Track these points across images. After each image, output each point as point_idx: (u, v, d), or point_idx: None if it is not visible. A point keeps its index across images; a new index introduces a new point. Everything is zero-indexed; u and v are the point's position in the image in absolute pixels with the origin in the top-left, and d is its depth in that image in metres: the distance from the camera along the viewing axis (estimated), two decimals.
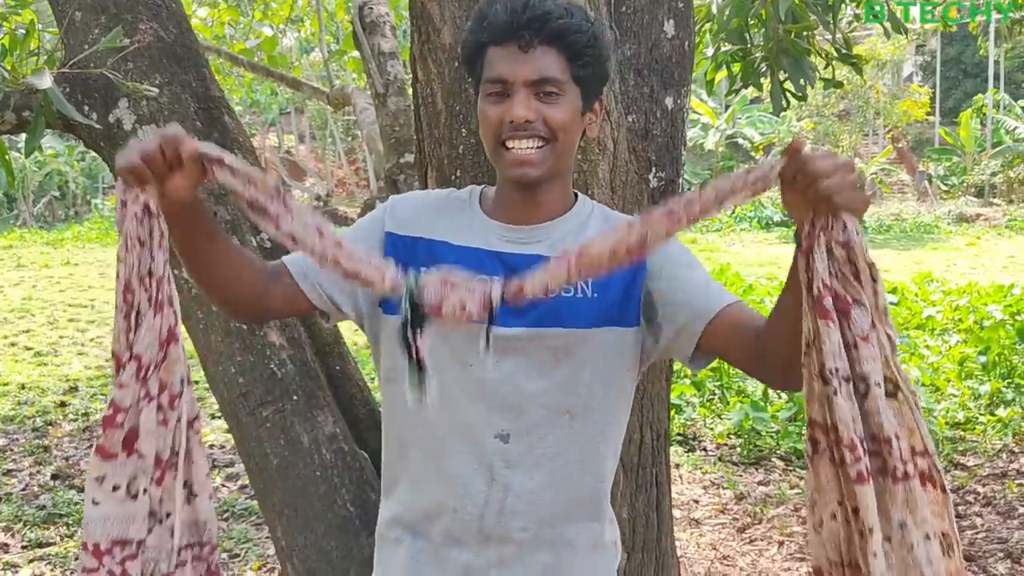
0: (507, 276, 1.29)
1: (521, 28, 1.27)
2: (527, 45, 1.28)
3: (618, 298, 1.37)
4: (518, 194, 1.37)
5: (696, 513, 4.34)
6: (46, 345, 8.50)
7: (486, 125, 1.33)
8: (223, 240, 1.36)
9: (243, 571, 3.77)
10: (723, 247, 17.71)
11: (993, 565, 3.60)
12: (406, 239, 1.39)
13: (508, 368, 1.34)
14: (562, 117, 1.30)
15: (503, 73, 1.29)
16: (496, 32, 1.29)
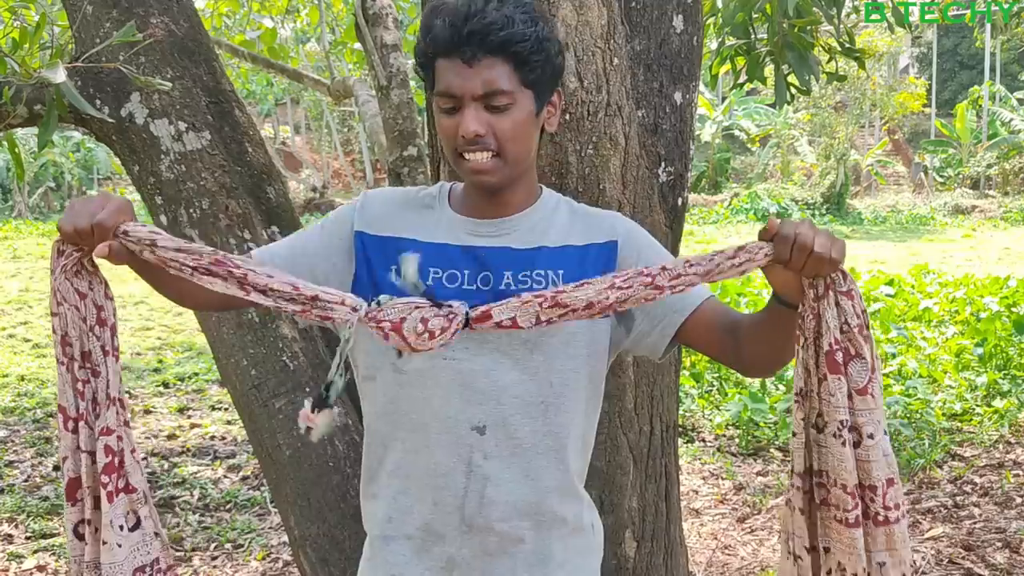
0: (477, 269, 1.36)
1: (463, 43, 1.27)
2: (471, 59, 1.28)
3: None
4: (482, 194, 1.40)
5: (696, 503, 4.37)
6: (44, 337, 8.49)
7: (443, 136, 1.35)
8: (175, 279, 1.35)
9: (247, 561, 3.80)
10: (720, 239, 17.74)
11: (992, 555, 3.64)
12: (376, 238, 1.42)
13: (484, 361, 1.36)
14: (512, 127, 1.32)
15: (451, 88, 1.30)
16: (440, 46, 1.30)
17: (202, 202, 2.20)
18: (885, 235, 19.14)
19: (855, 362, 1.13)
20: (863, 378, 1.13)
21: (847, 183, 23.63)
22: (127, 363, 7.38)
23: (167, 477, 4.76)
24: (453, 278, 1.37)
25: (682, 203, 2.09)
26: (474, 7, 1.28)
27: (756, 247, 1.15)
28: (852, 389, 1.13)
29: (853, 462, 1.13)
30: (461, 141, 1.31)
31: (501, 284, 1.37)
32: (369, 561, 1.51)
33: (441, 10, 1.30)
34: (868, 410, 1.13)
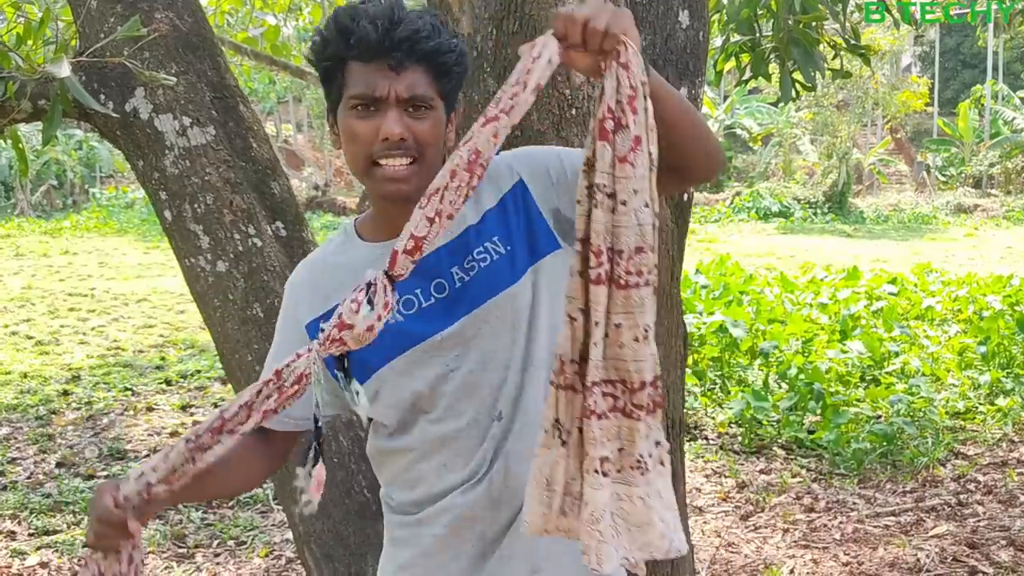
0: (427, 282, 1.36)
1: (393, 48, 1.26)
2: (398, 65, 1.27)
3: (525, 236, 1.40)
4: (394, 208, 1.36)
5: (699, 501, 4.37)
6: (47, 334, 8.50)
7: (356, 142, 1.32)
8: (209, 476, 1.31)
9: (250, 558, 3.80)
10: (722, 237, 17.74)
11: (996, 553, 3.63)
12: (325, 317, 1.36)
13: (479, 356, 1.37)
14: (431, 133, 1.32)
15: (374, 90, 1.28)
16: (364, 50, 1.27)
17: (207, 197, 2.19)
18: (887, 234, 19.13)
19: (621, 131, 1.15)
20: (625, 147, 1.15)
21: (849, 182, 23.61)
22: (129, 360, 7.39)
23: None
24: (409, 304, 1.37)
25: (688, 199, 2.08)
26: (398, 14, 1.27)
27: (541, 40, 1.17)
28: (615, 157, 1.15)
29: (604, 225, 1.16)
30: (380, 145, 1.29)
31: (456, 282, 1.37)
32: (395, 545, 1.51)
33: (360, 14, 1.28)
34: (625, 178, 1.15)
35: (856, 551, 3.74)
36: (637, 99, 1.15)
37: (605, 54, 1.15)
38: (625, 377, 1.18)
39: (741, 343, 6.68)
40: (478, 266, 1.38)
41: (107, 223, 20.34)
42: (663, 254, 2.00)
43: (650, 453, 1.20)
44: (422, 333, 1.37)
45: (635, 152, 1.15)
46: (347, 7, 1.30)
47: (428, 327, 1.37)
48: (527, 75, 1.14)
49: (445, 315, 1.36)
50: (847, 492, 4.45)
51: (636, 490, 1.19)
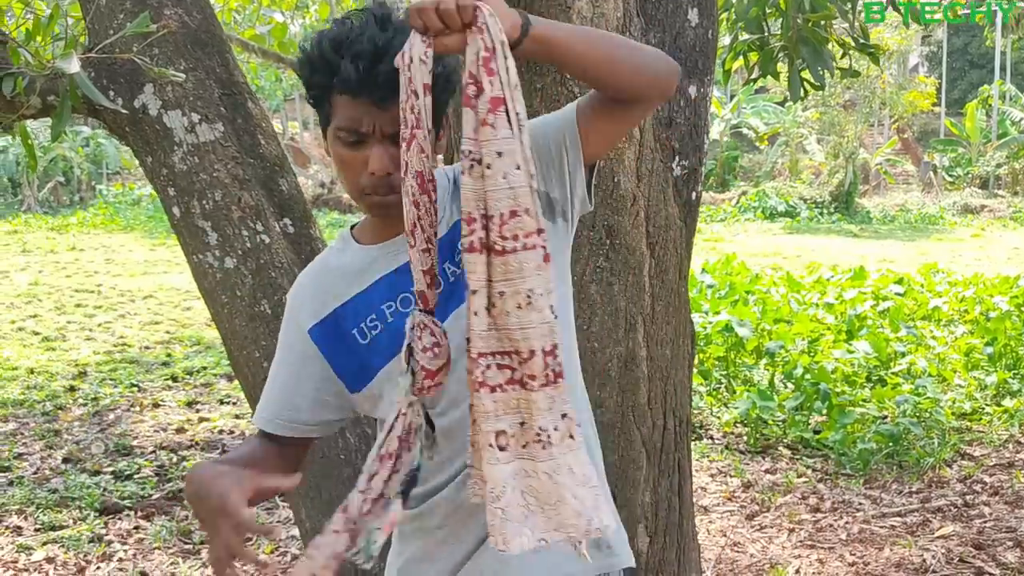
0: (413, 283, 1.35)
1: (376, 87, 1.25)
2: (382, 101, 1.25)
3: None
4: (386, 218, 1.39)
5: (705, 500, 4.36)
6: (54, 330, 8.52)
7: (344, 170, 1.33)
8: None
9: (256, 554, 3.80)
10: (728, 237, 17.72)
11: (1002, 554, 3.62)
12: (326, 321, 1.43)
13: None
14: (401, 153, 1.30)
15: (359, 125, 1.28)
16: (348, 86, 1.26)
17: (215, 194, 2.20)
18: (894, 234, 19.08)
19: (481, 95, 1.15)
20: (483, 109, 1.15)
21: (856, 182, 23.56)
22: (136, 356, 7.40)
23: (176, 470, 4.76)
24: (407, 301, 1.39)
25: (696, 197, 2.08)
26: (380, 43, 1.24)
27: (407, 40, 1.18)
28: (478, 121, 1.15)
29: (473, 191, 1.16)
30: (368, 179, 1.30)
31: (449, 276, 1.39)
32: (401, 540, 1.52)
33: (343, 46, 1.25)
34: (487, 140, 1.14)
35: (862, 551, 3.73)
36: (495, 59, 1.14)
37: (469, 27, 1.15)
38: (516, 347, 1.16)
39: (747, 343, 6.67)
40: None
41: (114, 220, 20.38)
42: (671, 252, 2.00)
43: (555, 427, 1.16)
44: None
45: (494, 114, 1.14)
46: (333, 35, 1.27)
47: None
48: (410, 83, 1.16)
49: (440, 310, 1.35)
50: (853, 492, 4.44)
51: (540, 465, 1.16)
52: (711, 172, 26.62)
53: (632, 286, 1.92)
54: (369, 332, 1.42)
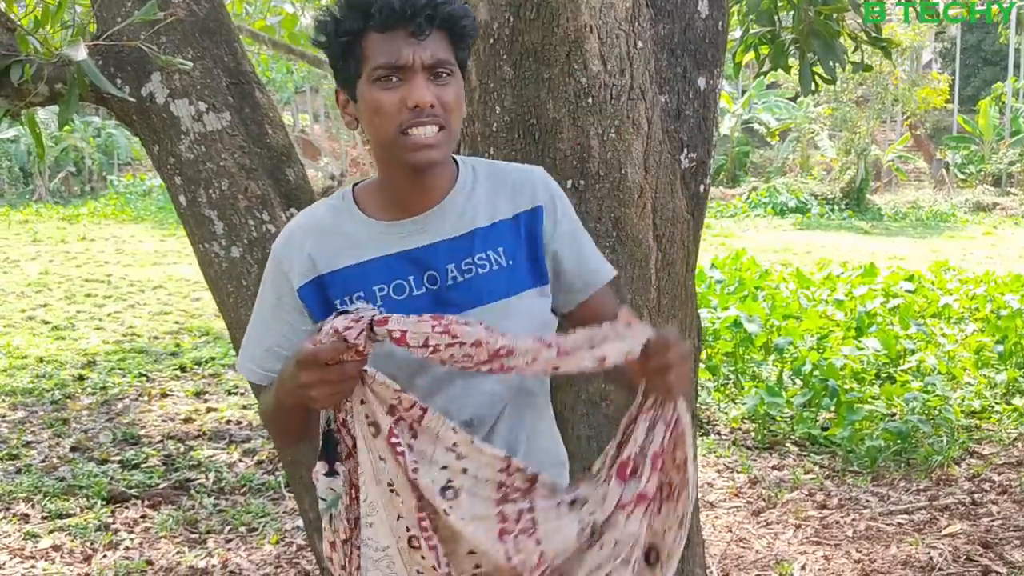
0: (420, 271, 1.35)
1: (415, 15, 1.25)
2: (420, 32, 1.26)
3: (527, 259, 1.41)
4: (412, 181, 1.36)
5: (711, 496, 4.35)
6: (63, 319, 8.55)
7: (383, 114, 1.29)
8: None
9: (261, 544, 3.81)
10: (738, 233, 17.66)
11: (1010, 552, 3.60)
12: (312, 283, 1.38)
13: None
14: (455, 98, 1.31)
15: (400, 59, 1.26)
16: (385, 19, 1.25)
17: (221, 183, 2.19)
18: (905, 231, 18.98)
19: (634, 479, 1.19)
20: (629, 496, 1.18)
21: (867, 178, 23.43)
22: (145, 346, 7.43)
23: (183, 460, 4.78)
24: (400, 288, 1.36)
25: (704, 190, 2.06)
26: None
27: (640, 329, 1.21)
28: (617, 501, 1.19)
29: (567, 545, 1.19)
30: (409, 114, 1.28)
31: (448, 279, 1.36)
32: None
33: None
34: (616, 525, 1.18)
35: (868, 549, 3.72)
36: (660, 457, 1.18)
37: (658, 392, 1.22)
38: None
39: (756, 338, 6.65)
40: (475, 271, 1.37)
41: (124, 210, 20.44)
42: (679, 245, 1.99)
43: None
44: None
45: (634, 507, 1.17)
46: None
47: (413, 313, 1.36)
48: (601, 343, 1.19)
49: (432, 308, 1.34)
50: (860, 489, 4.42)
51: None
52: (721, 167, 26.53)
53: (638, 279, 1.91)
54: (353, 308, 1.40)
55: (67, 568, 3.58)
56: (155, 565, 3.61)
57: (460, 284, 1.36)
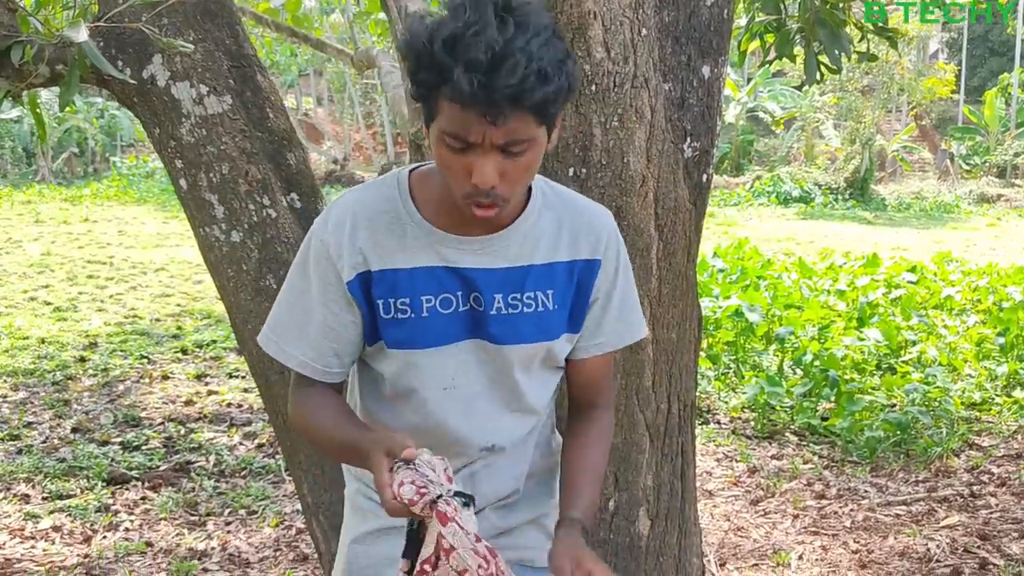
0: (467, 291, 1.33)
1: (490, 104, 1.12)
2: (495, 118, 1.14)
3: (571, 307, 1.40)
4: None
5: (709, 485, 4.36)
6: (65, 300, 8.56)
7: (447, 172, 1.23)
8: None
9: (261, 527, 3.82)
10: (741, 221, 17.63)
11: (1007, 545, 3.60)
12: (362, 276, 1.34)
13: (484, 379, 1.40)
14: (526, 170, 1.23)
15: (467, 136, 1.17)
16: (460, 97, 1.13)
17: (222, 167, 2.18)
18: (908, 222, 18.94)
19: None
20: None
21: (872, 168, 23.37)
22: (146, 328, 7.43)
23: (183, 442, 4.79)
24: (447, 303, 1.34)
25: (707, 180, 2.05)
26: (498, 48, 1.10)
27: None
28: None
29: None
30: (472, 189, 1.21)
31: (492, 308, 1.35)
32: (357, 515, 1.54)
33: (456, 49, 1.12)
34: None
35: (866, 539, 3.72)
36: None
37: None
38: None
39: (757, 328, 6.64)
40: (521, 308, 1.36)
41: (127, 192, 20.43)
42: (680, 235, 1.98)
43: None
44: (448, 335, 1.36)
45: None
46: (447, 33, 1.13)
47: (456, 331, 1.36)
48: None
49: (471, 330, 1.36)
50: (859, 480, 4.42)
51: None
52: (725, 156, 26.46)
53: (639, 268, 1.90)
54: (395, 311, 1.34)
55: (67, 549, 3.59)
56: (155, 547, 3.62)
57: (502, 317, 1.35)
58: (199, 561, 3.49)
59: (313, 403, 1.38)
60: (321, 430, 1.36)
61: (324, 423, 1.36)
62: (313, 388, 1.40)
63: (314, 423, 1.38)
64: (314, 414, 1.37)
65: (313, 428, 1.38)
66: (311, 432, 1.40)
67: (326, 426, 1.35)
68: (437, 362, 1.36)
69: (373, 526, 1.48)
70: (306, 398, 1.40)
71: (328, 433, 1.35)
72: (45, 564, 3.44)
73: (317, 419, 1.37)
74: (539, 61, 1.12)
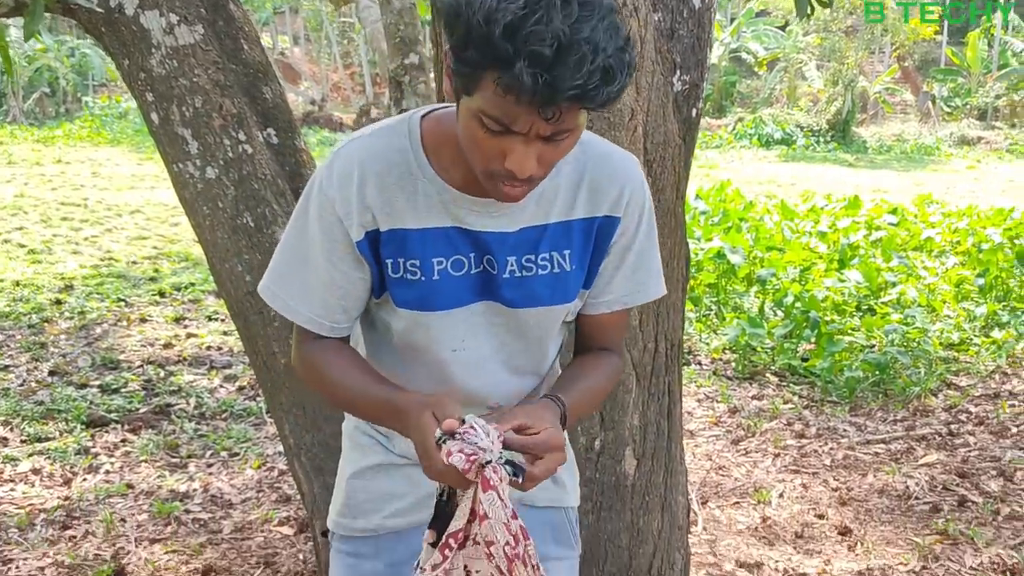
0: (479, 253, 1.27)
1: (547, 103, 1.03)
2: (550, 116, 1.05)
3: (587, 266, 1.34)
4: None
5: (691, 425, 4.38)
6: (40, 243, 8.42)
7: (475, 150, 1.13)
8: None
9: (242, 469, 3.81)
10: (722, 164, 17.58)
11: (986, 483, 3.65)
12: (371, 234, 1.26)
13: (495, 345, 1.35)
14: (563, 153, 1.14)
15: (513, 125, 1.07)
16: (518, 92, 1.02)
17: (195, 100, 2.11)
18: (889, 164, 18.95)
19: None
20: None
21: (854, 110, 23.30)
22: (123, 271, 7.34)
23: (163, 385, 4.75)
24: (459, 265, 1.28)
25: (696, 115, 2.00)
26: (564, 42, 0.99)
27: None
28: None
29: None
30: (505, 173, 1.12)
31: (505, 271, 1.29)
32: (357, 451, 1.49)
33: (518, 37, 0.99)
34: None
35: (846, 477, 3.76)
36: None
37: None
38: None
39: (738, 270, 6.65)
40: (536, 271, 1.30)
41: (100, 133, 20.06)
42: (669, 170, 1.94)
43: None
44: (459, 298, 1.31)
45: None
46: (510, 17, 0.99)
47: (467, 294, 1.31)
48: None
49: (482, 292, 1.30)
50: (838, 419, 4.46)
51: None
52: (708, 97, 26.27)
53: None
54: (403, 271, 1.28)
55: (47, 491, 3.57)
56: (136, 488, 3.60)
57: (516, 280, 1.29)
58: (181, 503, 3.48)
59: (329, 358, 1.33)
60: (343, 388, 1.31)
61: (347, 380, 1.30)
62: (323, 341, 1.34)
63: (334, 379, 1.32)
64: (333, 370, 1.32)
65: (333, 384, 1.32)
66: (329, 388, 1.33)
67: (351, 384, 1.30)
68: (447, 324, 1.31)
69: (372, 461, 1.45)
70: (319, 352, 1.33)
71: (353, 391, 1.29)
72: (25, 507, 3.41)
73: (337, 375, 1.31)
74: (604, 54, 1.01)
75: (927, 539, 3.17)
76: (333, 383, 1.32)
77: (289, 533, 3.26)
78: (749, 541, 3.21)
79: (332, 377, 1.32)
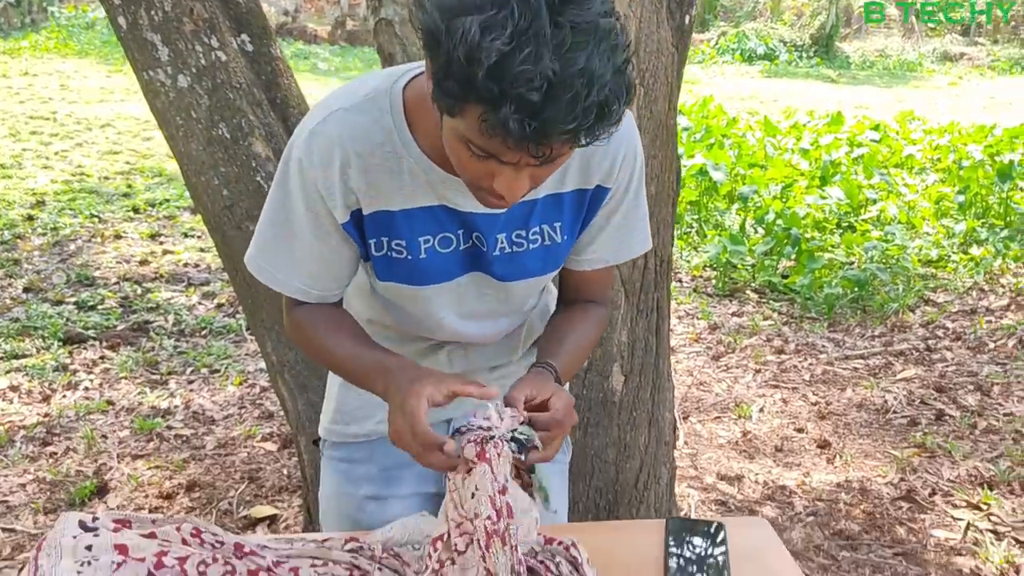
0: (468, 231, 1.23)
1: (540, 146, 0.94)
2: (540, 156, 0.96)
3: (576, 233, 1.31)
4: None
5: (672, 342, 4.40)
6: (9, 158, 8.21)
7: (463, 170, 1.05)
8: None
9: (224, 386, 3.80)
10: (705, 80, 17.35)
11: (963, 397, 3.71)
12: (355, 215, 1.20)
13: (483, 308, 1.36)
14: (549, 174, 1.07)
15: (501, 157, 0.99)
16: (504, 136, 0.93)
17: (164, 3, 2.00)
18: (872, 80, 18.78)
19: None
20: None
21: (838, 24, 22.96)
22: (95, 187, 7.19)
23: (140, 302, 4.69)
24: (446, 242, 1.23)
25: (689, 22, 1.93)
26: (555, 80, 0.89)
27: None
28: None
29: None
30: (491, 194, 1.05)
31: (495, 249, 1.24)
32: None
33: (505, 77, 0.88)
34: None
35: (824, 392, 3.80)
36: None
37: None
38: None
39: (720, 187, 6.60)
40: (526, 245, 1.26)
41: (67, 44, 19.41)
42: (661, 80, 1.88)
43: None
44: (448, 273, 1.27)
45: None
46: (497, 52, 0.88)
47: (456, 268, 1.27)
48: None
49: (471, 267, 1.27)
50: (817, 335, 4.49)
51: None
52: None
53: None
54: (387, 249, 1.23)
55: (26, 408, 3.54)
56: (116, 405, 3.58)
57: (506, 256, 1.25)
58: (163, 419, 3.46)
59: (316, 320, 1.30)
60: (333, 352, 1.28)
61: (337, 345, 1.27)
62: (313, 306, 1.31)
63: (323, 341, 1.28)
64: (321, 331, 1.29)
65: (321, 346, 1.29)
66: (318, 350, 1.31)
67: (340, 350, 1.27)
68: (434, 294, 1.29)
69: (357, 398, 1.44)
70: (308, 314, 1.30)
71: (342, 355, 1.26)
72: (4, 423, 3.39)
73: (329, 339, 1.28)
74: (599, 85, 0.91)
75: (905, 452, 3.23)
76: (322, 345, 1.29)
77: (272, 449, 3.26)
78: (730, 455, 3.26)
79: (321, 339, 1.29)
